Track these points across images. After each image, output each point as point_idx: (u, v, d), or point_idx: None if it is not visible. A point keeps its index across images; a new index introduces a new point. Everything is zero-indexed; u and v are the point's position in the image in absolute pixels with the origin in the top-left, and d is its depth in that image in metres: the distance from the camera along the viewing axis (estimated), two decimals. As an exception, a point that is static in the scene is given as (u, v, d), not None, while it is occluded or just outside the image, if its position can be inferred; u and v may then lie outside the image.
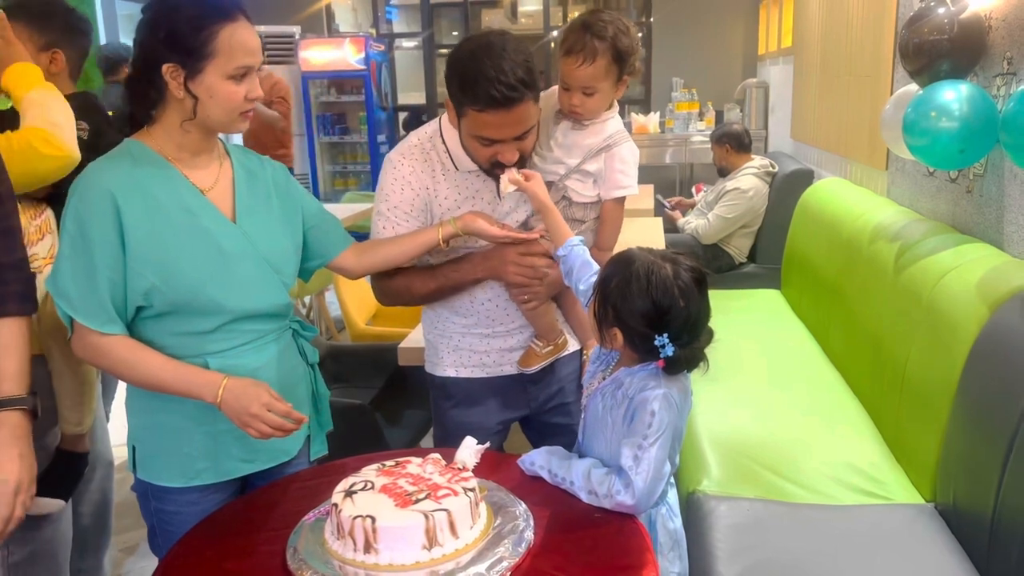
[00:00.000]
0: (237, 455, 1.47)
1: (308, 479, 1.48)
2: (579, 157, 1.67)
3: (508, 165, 1.56)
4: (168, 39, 1.31)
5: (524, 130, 1.53)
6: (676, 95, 6.69)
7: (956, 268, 2.00)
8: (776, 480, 2.02)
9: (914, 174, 2.79)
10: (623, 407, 1.33)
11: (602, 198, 1.71)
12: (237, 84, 1.35)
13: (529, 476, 1.41)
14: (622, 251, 1.36)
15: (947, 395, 1.84)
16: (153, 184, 1.37)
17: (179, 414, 1.42)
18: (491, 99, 1.45)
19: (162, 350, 1.39)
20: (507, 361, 1.78)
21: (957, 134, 1.99)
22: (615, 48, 1.57)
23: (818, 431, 2.26)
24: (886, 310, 2.33)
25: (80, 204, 1.33)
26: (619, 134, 1.69)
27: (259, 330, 1.46)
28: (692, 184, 5.89)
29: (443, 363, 1.80)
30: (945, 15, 2.12)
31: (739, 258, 4.41)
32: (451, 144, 1.64)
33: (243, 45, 1.34)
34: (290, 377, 1.53)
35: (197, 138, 1.41)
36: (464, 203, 1.66)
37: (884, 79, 3.05)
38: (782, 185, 4.29)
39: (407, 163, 1.65)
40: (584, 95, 1.61)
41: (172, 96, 1.34)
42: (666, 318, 1.27)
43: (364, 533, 1.12)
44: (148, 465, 1.46)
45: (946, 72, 2.12)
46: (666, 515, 1.42)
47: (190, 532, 1.33)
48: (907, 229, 2.44)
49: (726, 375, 2.58)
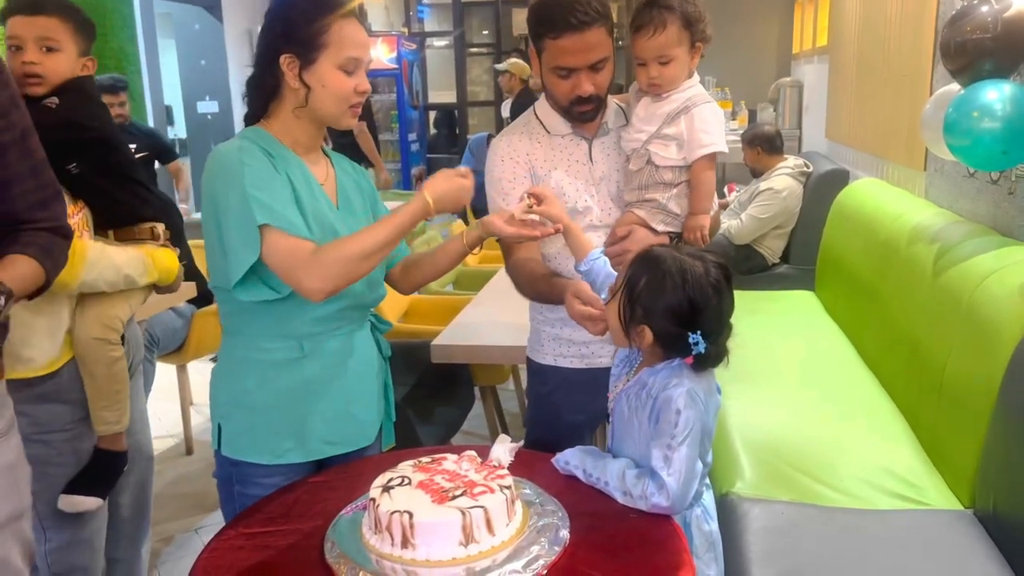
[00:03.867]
0: (323, 436, 1.53)
1: (345, 473, 1.49)
2: (659, 123, 1.69)
3: (587, 99, 1.65)
4: (285, 31, 1.43)
5: (599, 58, 1.62)
6: (709, 93, 6.64)
7: (998, 271, 1.97)
8: (810, 483, 2.00)
9: (954, 175, 2.74)
10: (648, 407, 1.33)
11: (687, 160, 1.70)
12: (348, 76, 1.45)
13: (564, 475, 1.41)
14: (644, 250, 1.36)
15: (988, 400, 1.81)
16: (282, 162, 1.45)
17: (270, 393, 1.49)
18: (567, 23, 1.56)
19: (257, 327, 1.48)
20: (606, 353, 1.78)
21: (1000, 135, 1.95)
22: (684, 14, 1.63)
23: (853, 434, 2.24)
24: (924, 313, 2.29)
25: (230, 156, 1.41)
26: (698, 96, 1.70)
27: (352, 317, 1.55)
28: (724, 184, 5.84)
29: (543, 350, 1.86)
30: (988, 13, 2.08)
31: (772, 259, 4.37)
32: (542, 112, 1.78)
33: (353, 38, 1.44)
34: (369, 366, 1.61)
35: (309, 131, 1.51)
36: (559, 163, 1.75)
37: (923, 78, 3.00)
38: (816, 185, 4.24)
39: (505, 139, 1.78)
40: (660, 65, 1.65)
41: (288, 87, 1.45)
42: (700, 315, 1.27)
43: (402, 528, 1.13)
44: (235, 442, 1.51)
45: (989, 71, 2.08)
46: (701, 516, 1.40)
47: (229, 524, 1.35)
48: (946, 231, 2.41)
49: (759, 377, 2.56)
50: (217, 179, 1.41)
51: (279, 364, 1.49)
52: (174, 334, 3.22)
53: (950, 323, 2.08)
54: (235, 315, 1.51)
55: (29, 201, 1.28)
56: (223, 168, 1.41)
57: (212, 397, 1.56)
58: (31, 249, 1.27)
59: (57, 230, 1.33)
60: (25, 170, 1.27)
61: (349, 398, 1.56)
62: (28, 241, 1.28)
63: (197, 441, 3.45)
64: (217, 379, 1.56)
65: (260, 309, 1.46)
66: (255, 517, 1.36)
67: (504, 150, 1.76)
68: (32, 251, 1.27)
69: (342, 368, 1.54)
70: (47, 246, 1.30)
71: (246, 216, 1.37)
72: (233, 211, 1.39)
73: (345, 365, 1.54)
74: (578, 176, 1.75)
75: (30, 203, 1.28)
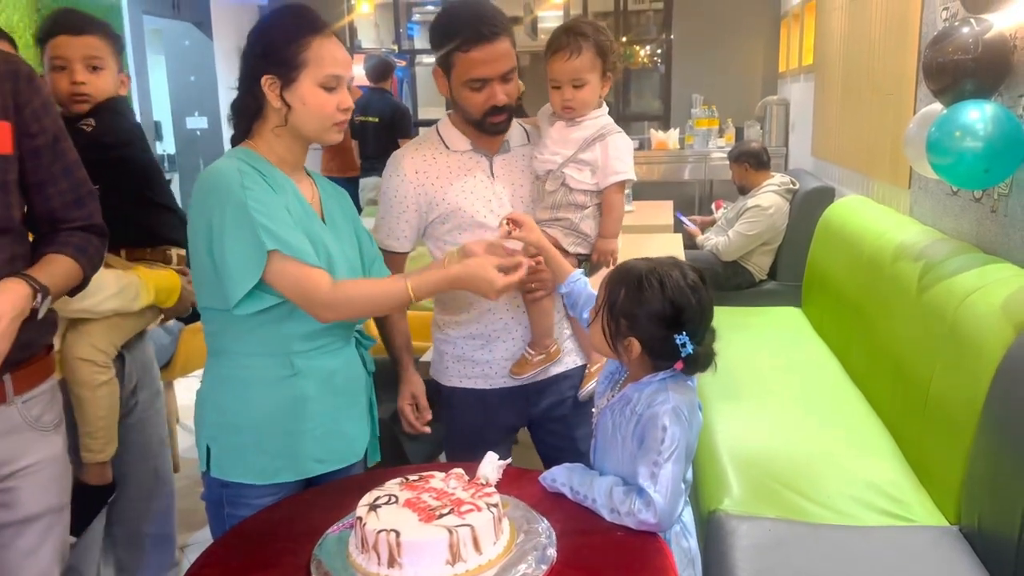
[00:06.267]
0: (313, 455, 1.53)
1: (331, 491, 1.49)
2: (574, 148, 1.74)
3: (500, 109, 1.68)
4: (265, 52, 1.45)
5: (508, 68, 1.67)
6: (696, 111, 6.69)
7: (981, 288, 1.99)
8: (797, 500, 2.00)
9: (937, 193, 2.77)
10: (632, 424, 1.34)
11: (600, 185, 1.76)
12: (328, 93, 1.47)
13: (551, 492, 1.41)
14: (619, 266, 1.41)
15: (972, 416, 1.82)
16: (273, 182, 1.46)
17: (260, 413, 1.48)
18: (477, 33, 1.61)
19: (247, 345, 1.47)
20: (506, 372, 1.82)
21: (982, 153, 1.98)
22: (597, 43, 1.70)
23: (839, 451, 2.25)
24: (909, 330, 2.31)
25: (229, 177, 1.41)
26: (611, 126, 1.77)
27: (339, 334, 1.55)
28: (711, 201, 5.88)
29: (447, 373, 1.87)
30: (969, 34, 2.11)
31: (759, 275, 4.39)
32: (443, 129, 1.80)
33: (332, 56, 1.47)
34: (356, 382, 1.61)
35: (293, 149, 1.53)
36: (456, 179, 1.75)
37: (907, 98, 3.04)
38: (803, 203, 4.27)
39: (404, 154, 1.78)
40: (574, 88, 1.71)
41: (270, 107, 1.47)
42: (683, 316, 1.31)
43: (388, 547, 1.13)
44: (225, 463, 1.50)
45: (970, 92, 2.11)
46: (680, 533, 1.41)
47: (216, 543, 1.35)
48: (931, 248, 2.43)
49: (746, 393, 2.57)
50: (211, 199, 1.41)
51: (269, 382, 1.49)
52: (162, 351, 3.20)
53: (934, 340, 2.10)
54: (223, 334, 1.50)
55: (64, 200, 1.38)
56: (219, 189, 1.41)
57: (199, 418, 1.55)
58: (68, 248, 1.37)
59: (91, 228, 1.44)
60: (59, 171, 1.37)
61: (338, 415, 1.56)
62: (65, 240, 1.38)
63: (183, 459, 3.42)
64: (203, 400, 1.54)
65: (250, 327, 1.46)
66: (242, 536, 1.36)
67: (398, 165, 1.77)
68: (69, 250, 1.37)
69: (331, 385, 1.54)
70: (83, 245, 1.40)
71: (251, 240, 1.38)
72: (233, 234, 1.39)
73: (334, 382, 1.54)
74: (476, 191, 1.76)
75: (65, 202, 1.38)
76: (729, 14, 6.98)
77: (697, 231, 4.77)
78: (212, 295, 1.47)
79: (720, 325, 1.39)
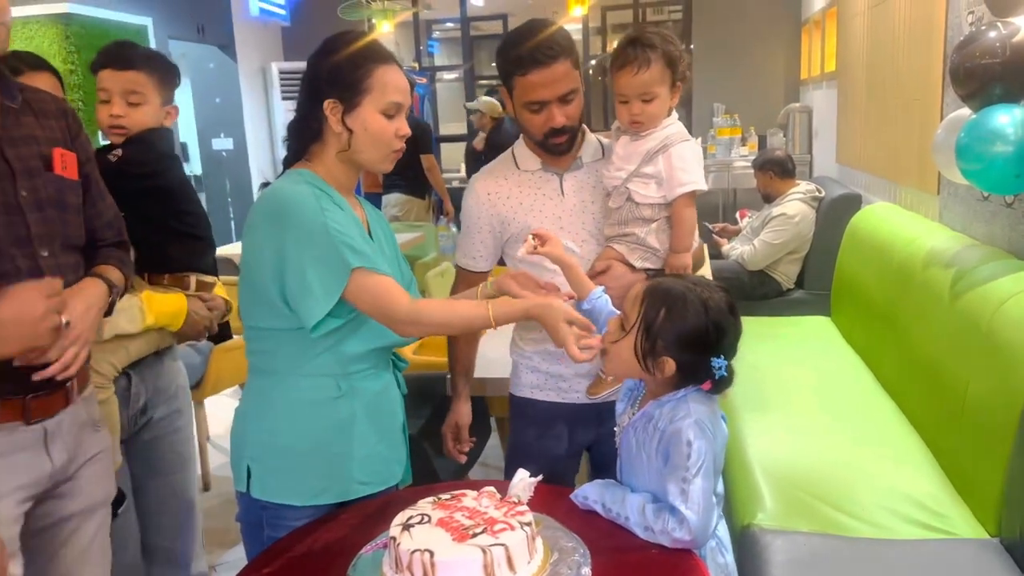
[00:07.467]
0: (356, 477, 1.53)
1: (364, 511, 1.49)
2: (637, 162, 1.71)
3: (560, 131, 1.69)
4: (330, 76, 1.48)
5: (567, 90, 1.67)
6: (718, 120, 6.66)
7: (1016, 295, 1.96)
8: (832, 513, 1.97)
9: (968, 199, 2.74)
10: (655, 441, 1.33)
11: (667, 198, 1.72)
12: (388, 120, 1.50)
13: (583, 510, 1.40)
14: (652, 284, 1.37)
15: (1010, 423, 1.79)
16: (339, 201, 1.50)
17: (310, 434, 1.50)
18: (533, 59, 1.63)
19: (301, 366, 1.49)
20: (581, 388, 1.81)
21: (1013, 158, 1.96)
22: (666, 53, 1.66)
23: (874, 462, 2.21)
24: (942, 338, 2.28)
25: (304, 200, 1.44)
26: (676, 135, 1.71)
27: (383, 356, 1.59)
28: (736, 210, 5.84)
29: (520, 383, 1.89)
30: (996, 38, 2.09)
31: (787, 284, 4.35)
32: (517, 150, 1.83)
33: (395, 83, 1.50)
34: (395, 404, 1.62)
35: (348, 173, 1.56)
36: (526, 198, 1.78)
37: (934, 103, 3.01)
38: (829, 210, 4.23)
39: (479, 177, 1.84)
40: (643, 103, 1.68)
41: (331, 131, 1.50)
42: (725, 338, 1.31)
43: (423, 567, 1.13)
44: (267, 484, 1.50)
45: (999, 96, 2.09)
46: (716, 548, 1.39)
47: (250, 564, 1.35)
48: (962, 255, 2.40)
49: (777, 404, 2.55)
50: (286, 222, 1.42)
51: (316, 403, 1.49)
52: (192, 370, 3.23)
53: (970, 348, 2.07)
54: (274, 354, 1.51)
55: (102, 221, 1.52)
56: (293, 213, 1.42)
57: (238, 437, 1.54)
58: (112, 260, 1.51)
59: (122, 244, 1.57)
60: (96, 195, 1.51)
61: (379, 437, 1.56)
62: (107, 255, 1.52)
63: (214, 476, 3.45)
64: (245, 419, 1.54)
65: (309, 347, 1.47)
66: (276, 556, 1.36)
67: (472, 186, 1.83)
68: (114, 262, 1.51)
69: (374, 407, 1.55)
70: (123, 258, 1.55)
71: (334, 260, 1.41)
72: (314, 254, 1.41)
73: (377, 404, 1.55)
74: (545, 209, 1.77)
75: (103, 223, 1.52)
76: (749, 23, 6.97)
77: (724, 242, 4.75)
78: (265, 315, 1.48)
79: (748, 335, 1.38)
